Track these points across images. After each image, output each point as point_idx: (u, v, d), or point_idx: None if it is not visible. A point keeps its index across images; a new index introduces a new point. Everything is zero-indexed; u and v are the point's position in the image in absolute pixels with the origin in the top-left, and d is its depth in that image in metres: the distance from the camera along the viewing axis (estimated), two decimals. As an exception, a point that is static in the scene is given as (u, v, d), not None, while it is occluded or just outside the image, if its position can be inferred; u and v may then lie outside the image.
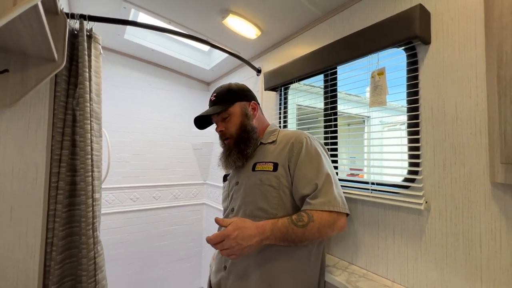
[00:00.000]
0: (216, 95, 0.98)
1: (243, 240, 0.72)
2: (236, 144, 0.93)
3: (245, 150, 0.92)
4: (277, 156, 0.89)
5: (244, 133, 0.93)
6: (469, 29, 0.77)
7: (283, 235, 0.75)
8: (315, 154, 0.86)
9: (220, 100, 0.96)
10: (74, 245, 1.05)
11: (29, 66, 0.84)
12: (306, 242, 0.78)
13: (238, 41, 1.63)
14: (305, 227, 0.75)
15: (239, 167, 0.95)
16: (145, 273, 2.13)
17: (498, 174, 0.67)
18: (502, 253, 0.68)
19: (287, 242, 0.76)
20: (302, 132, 0.92)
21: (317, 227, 0.76)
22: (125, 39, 1.83)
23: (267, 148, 0.94)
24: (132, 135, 2.13)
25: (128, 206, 2.08)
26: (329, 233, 0.79)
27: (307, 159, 0.85)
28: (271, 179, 0.85)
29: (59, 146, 1.00)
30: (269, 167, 0.87)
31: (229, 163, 0.94)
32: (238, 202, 0.91)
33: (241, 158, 0.93)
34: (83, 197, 1.01)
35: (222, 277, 0.89)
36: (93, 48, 1.11)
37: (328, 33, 1.24)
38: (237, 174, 0.97)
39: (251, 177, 0.89)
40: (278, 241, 0.76)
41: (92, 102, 1.07)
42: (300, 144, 0.87)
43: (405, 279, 0.89)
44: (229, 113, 0.95)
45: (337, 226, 0.79)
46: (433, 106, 0.85)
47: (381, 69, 0.95)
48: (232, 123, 0.94)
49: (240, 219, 0.77)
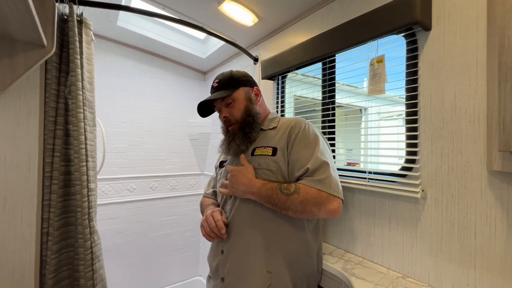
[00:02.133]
0: (219, 81, 0.97)
1: (235, 183, 0.85)
2: (241, 128, 0.93)
3: (250, 133, 0.93)
4: (277, 141, 0.89)
5: (249, 117, 0.93)
6: (471, 15, 0.75)
7: (268, 197, 0.80)
8: (313, 138, 0.86)
9: (224, 86, 0.95)
10: (70, 235, 1.05)
11: (17, 52, 0.81)
12: (290, 212, 0.79)
13: (235, 28, 1.59)
14: (289, 196, 0.77)
15: (241, 151, 0.94)
16: (143, 263, 2.14)
17: (495, 162, 0.67)
18: (497, 240, 0.69)
19: (271, 204, 0.80)
20: (303, 119, 0.93)
21: (300, 200, 0.76)
22: (118, 26, 1.78)
23: (267, 134, 0.94)
24: (128, 125, 2.10)
25: (125, 196, 2.07)
26: (314, 211, 0.77)
27: (303, 142, 0.85)
28: (269, 163, 0.86)
29: (51, 136, 0.98)
30: (268, 151, 0.88)
31: (232, 148, 0.93)
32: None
33: (245, 142, 0.92)
34: (78, 187, 1.00)
35: (220, 260, 0.91)
36: (84, 34, 1.07)
37: (326, 20, 1.21)
38: (236, 161, 0.96)
39: (250, 161, 0.90)
40: (263, 200, 0.81)
41: (84, 90, 1.04)
42: (298, 129, 0.87)
43: (400, 266, 0.90)
44: (234, 98, 0.94)
45: (326, 208, 0.77)
46: (432, 94, 0.84)
47: (381, 56, 0.93)
48: (236, 108, 0.94)
49: (245, 169, 0.87)
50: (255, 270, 0.83)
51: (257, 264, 0.83)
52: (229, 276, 0.87)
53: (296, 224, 0.86)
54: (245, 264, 0.85)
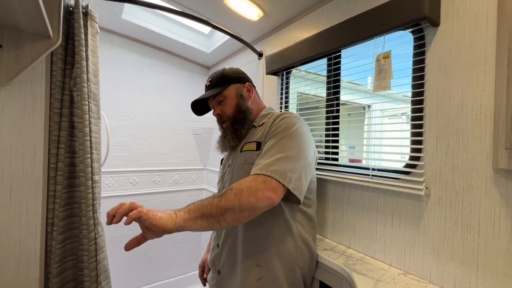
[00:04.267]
0: (211, 80, 1.00)
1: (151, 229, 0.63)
2: (231, 124, 0.96)
3: (239, 130, 0.95)
4: (261, 136, 0.90)
5: (240, 114, 0.95)
6: (481, 10, 0.74)
7: (200, 211, 0.66)
8: (285, 128, 0.82)
9: (215, 84, 0.98)
10: (75, 226, 1.06)
11: (23, 43, 0.81)
12: (229, 215, 0.66)
13: (240, 23, 1.58)
14: (222, 196, 0.68)
15: (232, 148, 0.98)
16: (145, 256, 2.17)
17: (501, 160, 0.66)
18: (500, 238, 0.69)
19: (206, 218, 0.65)
20: (291, 112, 0.92)
21: (234, 193, 0.68)
22: (122, 19, 1.77)
23: (256, 130, 0.95)
24: (132, 119, 2.11)
25: (128, 190, 2.09)
26: (252, 201, 0.68)
27: (274, 132, 0.84)
28: (253, 158, 0.86)
29: (57, 127, 0.99)
30: (252, 146, 0.89)
31: (225, 145, 0.97)
32: (228, 183, 0.94)
33: (235, 138, 0.95)
34: (82, 178, 1.01)
35: (216, 254, 0.95)
36: (89, 26, 1.07)
37: (333, 15, 1.20)
38: (230, 156, 0.99)
39: (239, 158, 0.92)
40: (198, 220, 0.65)
41: (89, 82, 1.05)
42: (278, 121, 0.87)
43: (402, 263, 0.90)
44: (224, 95, 0.97)
45: (260, 194, 0.68)
46: (438, 91, 0.83)
47: (387, 52, 0.92)
48: (227, 105, 0.96)
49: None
50: (245, 263, 0.85)
51: (246, 258, 0.85)
52: (224, 269, 0.91)
53: (283, 215, 0.87)
54: (235, 258, 0.88)
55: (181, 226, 0.63)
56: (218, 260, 0.93)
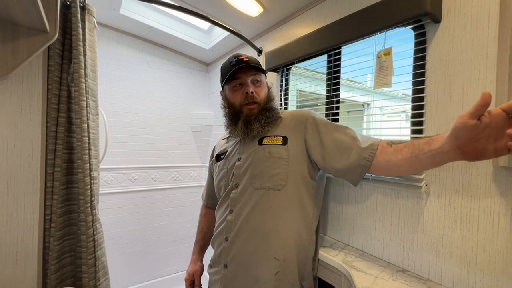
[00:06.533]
0: (248, 57, 0.92)
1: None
2: (260, 111, 0.91)
3: (271, 119, 0.92)
4: (287, 131, 0.90)
5: (269, 103, 0.94)
6: (483, 7, 0.73)
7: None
8: (329, 121, 0.90)
9: (256, 63, 0.92)
10: (73, 222, 1.06)
11: (19, 37, 0.80)
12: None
13: (240, 19, 1.56)
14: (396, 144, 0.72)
15: (261, 134, 0.91)
16: (144, 252, 2.17)
17: (501, 157, 0.66)
18: (499, 236, 0.69)
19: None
20: (307, 109, 0.96)
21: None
22: (121, 14, 1.75)
23: (273, 124, 0.94)
24: (130, 115, 2.10)
25: (126, 186, 2.09)
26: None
27: (326, 126, 0.88)
28: (281, 152, 0.86)
29: (54, 123, 0.98)
30: (278, 140, 0.89)
31: (255, 128, 0.89)
32: (246, 176, 0.89)
33: (268, 125, 0.91)
34: (80, 175, 1.00)
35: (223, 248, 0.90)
36: (87, 20, 1.06)
37: (333, 11, 1.19)
38: (239, 150, 0.95)
39: (259, 151, 0.89)
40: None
41: (87, 78, 1.04)
42: (311, 117, 0.91)
43: (401, 260, 0.90)
44: (261, 79, 0.95)
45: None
46: (439, 89, 0.82)
47: (388, 48, 0.92)
48: (262, 90, 0.94)
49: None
50: (261, 257, 0.82)
51: (264, 251, 0.83)
52: (233, 264, 0.87)
53: (304, 210, 0.87)
54: (251, 251, 0.84)
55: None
56: (226, 254, 0.88)
